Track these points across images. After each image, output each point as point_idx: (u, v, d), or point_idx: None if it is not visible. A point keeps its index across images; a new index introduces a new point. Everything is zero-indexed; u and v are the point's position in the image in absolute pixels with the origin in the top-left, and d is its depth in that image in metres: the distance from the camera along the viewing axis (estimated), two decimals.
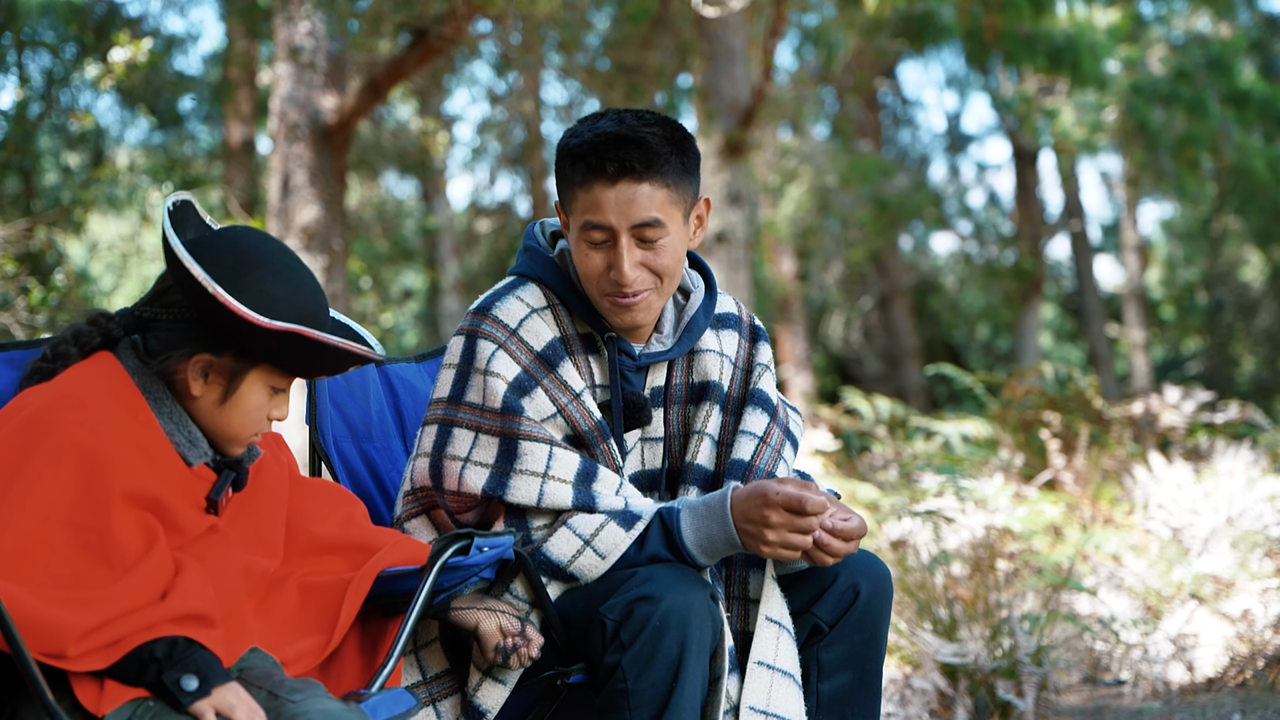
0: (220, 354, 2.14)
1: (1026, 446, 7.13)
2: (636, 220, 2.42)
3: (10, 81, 10.78)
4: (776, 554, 2.36)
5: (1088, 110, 13.67)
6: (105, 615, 1.94)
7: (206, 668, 1.96)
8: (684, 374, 2.63)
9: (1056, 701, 4.27)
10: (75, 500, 2.01)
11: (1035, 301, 17.67)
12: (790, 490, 2.33)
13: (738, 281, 9.41)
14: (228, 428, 2.19)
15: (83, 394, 2.10)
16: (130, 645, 1.95)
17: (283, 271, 2.15)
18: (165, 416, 2.15)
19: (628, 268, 2.42)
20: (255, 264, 2.13)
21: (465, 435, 2.46)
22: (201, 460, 2.18)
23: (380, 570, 2.29)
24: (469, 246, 18.09)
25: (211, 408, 2.18)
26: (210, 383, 2.16)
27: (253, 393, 2.18)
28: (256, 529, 2.26)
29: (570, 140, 2.46)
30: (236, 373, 2.16)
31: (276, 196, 8.15)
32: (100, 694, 1.95)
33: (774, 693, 2.38)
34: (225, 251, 2.13)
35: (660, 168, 2.42)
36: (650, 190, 2.41)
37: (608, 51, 12.41)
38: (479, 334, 2.49)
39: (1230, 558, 5.11)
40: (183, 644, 1.97)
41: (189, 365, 2.14)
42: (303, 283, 2.16)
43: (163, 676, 1.95)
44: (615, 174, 2.40)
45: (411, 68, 8.42)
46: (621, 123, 2.43)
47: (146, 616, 1.97)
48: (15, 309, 7.37)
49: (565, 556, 2.39)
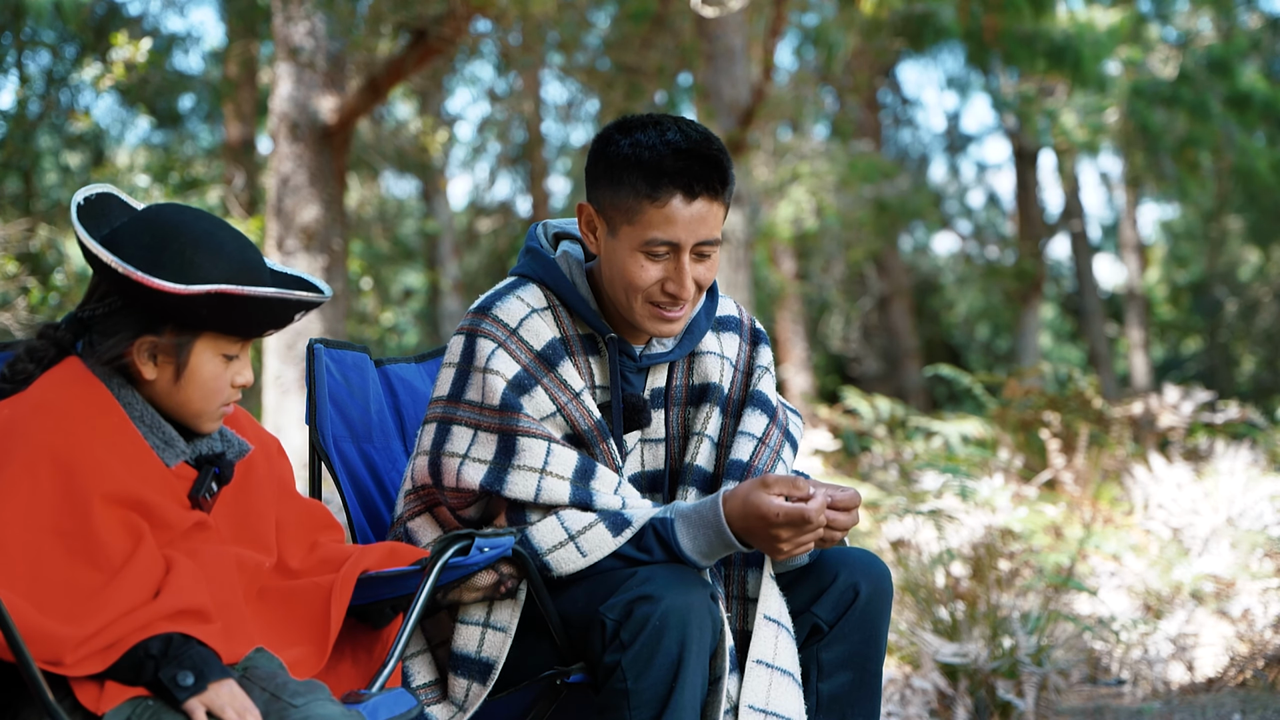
0: (160, 332, 2.13)
1: (1026, 446, 7.13)
2: (703, 238, 2.44)
3: (10, 81, 10.78)
4: (791, 556, 2.38)
5: (1088, 112, 13.67)
6: (100, 621, 1.95)
7: (202, 663, 1.96)
8: (684, 376, 2.63)
9: (1056, 701, 4.27)
10: (57, 506, 2.02)
11: (1035, 301, 17.67)
12: (789, 507, 2.33)
13: (738, 281, 9.41)
14: (190, 404, 2.18)
15: (53, 401, 2.11)
16: (127, 646, 1.95)
17: (202, 238, 2.14)
18: (138, 419, 2.15)
19: (689, 282, 2.45)
20: (172, 236, 2.12)
21: (464, 432, 2.46)
22: (180, 459, 2.17)
23: (359, 573, 2.28)
24: (469, 246, 18.09)
25: (169, 388, 2.17)
26: (160, 363, 2.15)
27: (204, 363, 2.17)
28: (247, 524, 2.25)
29: (638, 151, 2.42)
30: (181, 347, 2.14)
31: (276, 196, 8.16)
32: (100, 694, 1.95)
33: (773, 691, 2.38)
34: (142, 232, 2.14)
35: (729, 187, 2.46)
36: (718, 210, 2.45)
37: (608, 51, 12.40)
38: (479, 333, 2.49)
39: (1230, 558, 5.11)
40: (178, 640, 1.97)
41: (134, 351, 2.14)
42: (223, 244, 2.15)
43: (159, 673, 1.95)
44: (697, 193, 2.41)
45: (411, 68, 8.42)
46: (689, 137, 2.43)
47: (141, 616, 1.97)
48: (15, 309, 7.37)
49: (545, 545, 2.39)
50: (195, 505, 2.18)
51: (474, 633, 2.42)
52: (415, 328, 19.77)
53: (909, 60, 18.21)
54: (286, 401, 7.85)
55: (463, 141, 18.72)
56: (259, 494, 2.30)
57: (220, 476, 2.22)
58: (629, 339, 2.57)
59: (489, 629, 2.41)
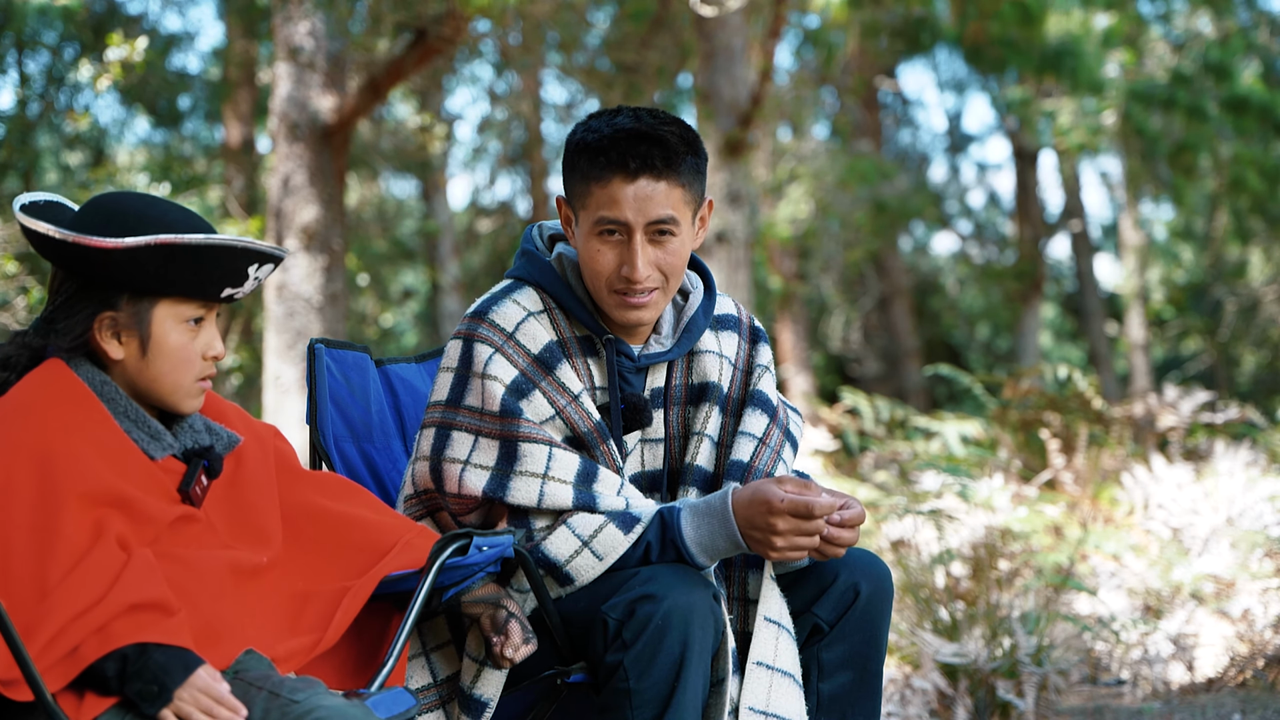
0: (116, 305, 2.13)
1: (1026, 447, 7.13)
2: (653, 218, 2.43)
3: (10, 82, 10.79)
4: (785, 558, 2.37)
5: (1086, 114, 13.67)
6: (54, 625, 1.93)
7: (162, 673, 1.95)
8: (683, 375, 2.63)
9: (1056, 701, 4.27)
10: (33, 506, 2.01)
11: (1035, 301, 17.67)
12: (795, 496, 2.33)
13: (738, 281, 9.41)
14: (163, 379, 2.17)
15: (33, 402, 2.10)
16: (88, 655, 1.93)
17: (145, 208, 2.14)
18: (122, 415, 2.14)
19: (641, 264, 2.43)
20: (114, 209, 2.13)
21: (465, 438, 2.46)
22: (167, 452, 2.16)
23: (384, 576, 2.28)
24: (469, 246, 18.08)
25: (138, 365, 2.16)
26: (125, 340, 2.15)
27: (168, 332, 2.16)
28: (243, 518, 2.24)
29: (587, 135, 2.46)
30: (140, 316, 2.14)
31: (276, 196, 8.15)
32: (79, 704, 1.95)
33: (774, 693, 2.38)
34: (88, 213, 2.15)
35: (678, 166, 2.43)
36: (667, 188, 2.43)
37: (607, 51, 12.40)
38: (475, 337, 2.49)
39: (1230, 558, 5.10)
40: (133, 654, 1.95)
41: (96, 331, 2.13)
42: (166, 211, 2.15)
43: (125, 690, 1.95)
44: (636, 170, 2.41)
45: (411, 68, 8.41)
46: (640, 120, 2.44)
47: (96, 617, 1.95)
48: (15, 309, 7.37)
49: (563, 556, 2.39)
50: (185, 500, 2.17)
51: (470, 668, 2.43)
52: (415, 328, 19.77)
53: (909, 60, 18.21)
54: (286, 401, 7.84)
55: (463, 141, 18.73)
56: (253, 486, 2.28)
57: (209, 469, 2.20)
58: (627, 339, 2.57)
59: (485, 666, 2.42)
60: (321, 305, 7.94)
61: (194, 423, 2.23)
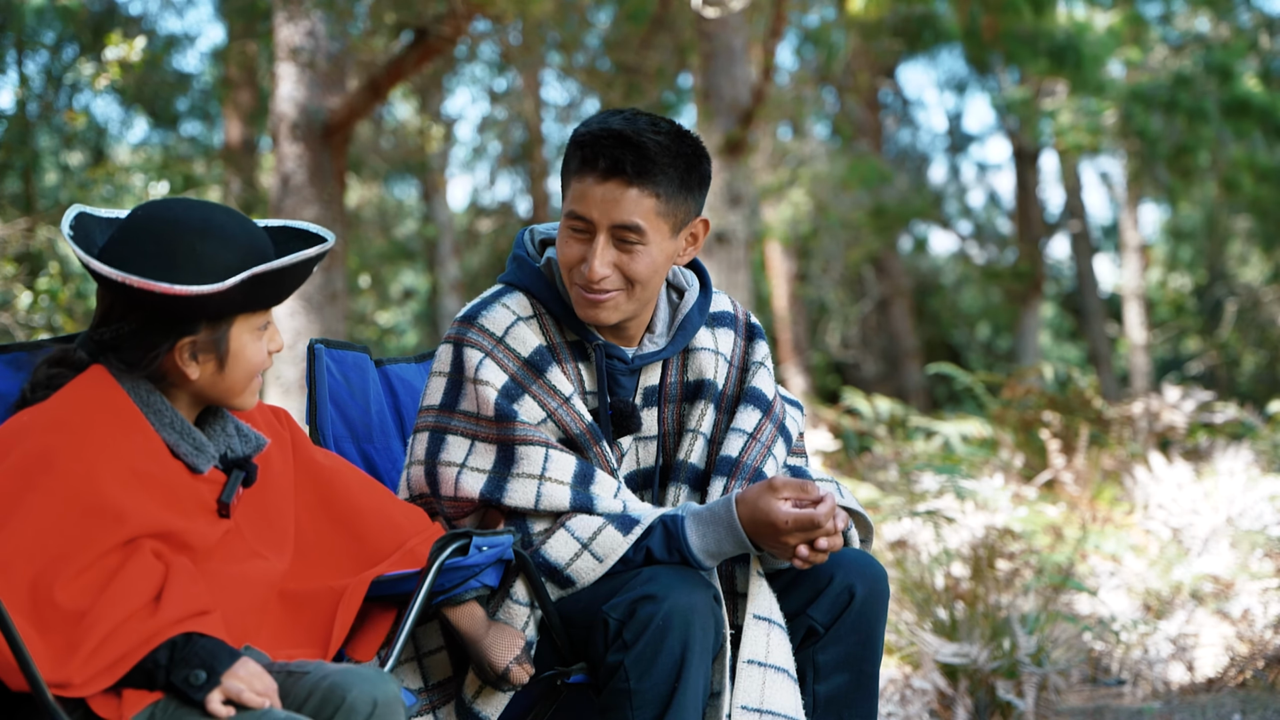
0: (196, 330, 2.11)
1: (1026, 446, 7.13)
2: (616, 221, 2.41)
3: (9, 81, 10.78)
4: (811, 562, 2.38)
5: (1087, 114, 13.66)
6: (97, 636, 1.93)
7: (210, 657, 1.96)
8: (679, 372, 2.63)
9: (1056, 701, 4.27)
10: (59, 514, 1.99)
11: (1035, 301, 17.67)
12: (797, 513, 2.33)
13: (737, 281, 9.41)
14: (236, 385, 2.17)
15: (76, 421, 2.06)
16: (134, 659, 1.94)
17: (202, 228, 2.10)
18: (167, 428, 2.12)
19: (598, 264, 2.41)
20: (173, 235, 2.08)
21: (460, 442, 2.45)
22: (211, 464, 2.15)
23: (375, 578, 2.28)
24: (469, 246, 18.08)
25: (213, 379, 2.15)
26: (202, 360, 2.13)
27: (244, 344, 2.16)
28: (267, 524, 2.24)
29: (580, 129, 2.47)
30: (219, 338, 2.13)
31: (276, 196, 8.16)
32: (119, 704, 1.95)
33: (767, 690, 2.37)
34: (141, 239, 2.09)
35: (654, 176, 2.41)
36: (638, 196, 2.41)
37: (608, 51, 12.40)
38: (465, 342, 2.48)
39: (1230, 558, 5.10)
40: (181, 641, 1.97)
41: (176, 356, 2.11)
42: (224, 225, 2.11)
43: (171, 677, 1.95)
44: (606, 171, 2.40)
45: (411, 68, 8.41)
46: (632, 124, 2.42)
47: (147, 627, 1.96)
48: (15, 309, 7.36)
49: (563, 559, 2.39)
50: (223, 509, 2.16)
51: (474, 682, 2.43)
52: (415, 328, 19.76)
53: (909, 60, 18.21)
54: (286, 401, 7.84)
55: (463, 142, 18.73)
56: (276, 489, 2.28)
57: (248, 479, 2.21)
58: (619, 342, 2.56)
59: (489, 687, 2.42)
60: (321, 305, 7.94)
61: (226, 425, 2.22)
